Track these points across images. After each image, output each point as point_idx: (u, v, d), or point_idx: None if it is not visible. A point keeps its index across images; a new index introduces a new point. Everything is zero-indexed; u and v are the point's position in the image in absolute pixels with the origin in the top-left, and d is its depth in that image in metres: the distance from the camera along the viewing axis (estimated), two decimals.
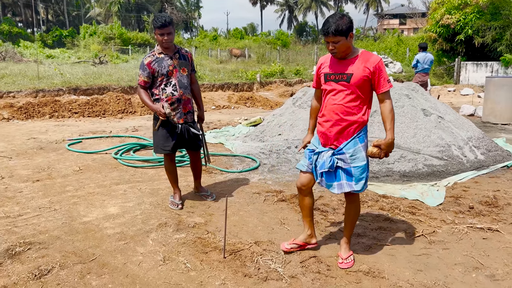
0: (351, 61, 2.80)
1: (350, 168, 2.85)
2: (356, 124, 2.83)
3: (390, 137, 2.77)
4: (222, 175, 5.23)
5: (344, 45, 2.76)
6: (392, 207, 4.16)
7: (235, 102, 12.60)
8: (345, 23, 2.71)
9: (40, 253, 3.07)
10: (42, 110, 9.10)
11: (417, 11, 43.63)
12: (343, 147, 2.85)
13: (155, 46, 3.97)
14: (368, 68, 2.74)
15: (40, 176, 4.84)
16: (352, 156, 2.84)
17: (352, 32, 2.76)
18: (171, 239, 3.37)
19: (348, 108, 2.81)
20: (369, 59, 2.76)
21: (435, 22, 22.17)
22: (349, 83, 2.79)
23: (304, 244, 3.18)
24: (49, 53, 29.06)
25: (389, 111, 2.77)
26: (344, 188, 2.90)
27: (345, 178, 2.89)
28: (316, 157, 2.97)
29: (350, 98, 2.81)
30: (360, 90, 2.79)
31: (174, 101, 3.91)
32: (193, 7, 67.23)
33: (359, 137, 2.85)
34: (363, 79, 2.76)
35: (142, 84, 3.90)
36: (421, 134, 5.73)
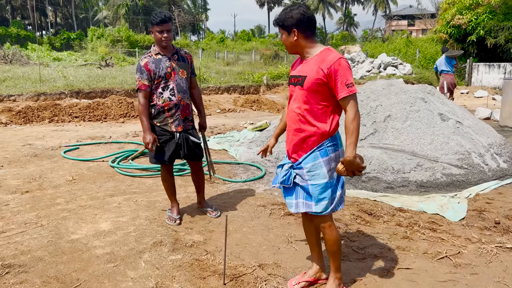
0: (308, 62, 2.37)
1: (308, 186, 2.41)
2: (316, 135, 2.37)
3: (348, 154, 2.26)
4: (225, 185, 4.89)
5: (286, 41, 2.40)
6: (410, 222, 3.79)
7: (241, 105, 12.27)
8: (289, 16, 2.34)
9: (19, 278, 2.75)
10: (41, 115, 8.83)
11: (426, 12, 43.12)
12: (302, 160, 2.42)
13: (151, 48, 3.62)
14: (322, 70, 2.26)
15: (30, 187, 4.53)
16: (309, 172, 2.39)
17: (298, 30, 2.33)
18: (166, 261, 3.04)
19: (306, 116, 2.38)
20: (325, 58, 2.29)
21: (445, 22, 21.72)
22: (303, 88, 2.35)
23: (315, 280, 2.75)
24: (56, 55, 29.04)
25: (349, 121, 2.26)
26: (299, 208, 2.48)
27: (302, 196, 2.45)
28: (280, 170, 2.58)
29: (306, 104, 2.36)
30: (316, 95, 2.33)
31: (172, 107, 3.56)
32: (200, 9, 67.19)
33: (320, 150, 2.38)
34: (317, 83, 2.29)
35: (143, 88, 3.49)
36: (438, 140, 5.33)
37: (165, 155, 3.63)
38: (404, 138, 5.45)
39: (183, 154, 3.69)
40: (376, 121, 5.80)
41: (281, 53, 29.89)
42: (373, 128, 5.74)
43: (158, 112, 3.56)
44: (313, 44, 2.40)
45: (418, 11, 44.20)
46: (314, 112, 2.36)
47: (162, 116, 3.57)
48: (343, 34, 37.73)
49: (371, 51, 25.39)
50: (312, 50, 2.39)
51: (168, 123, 3.59)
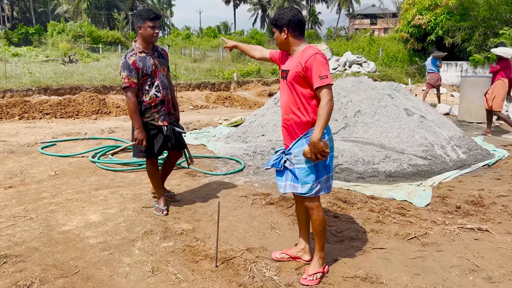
0: (292, 58, 2.71)
1: (294, 169, 2.69)
2: (300, 124, 2.66)
3: (313, 136, 2.50)
4: (206, 177, 5.07)
5: (278, 38, 2.73)
6: (381, 208, 4.13)
7: (213, 102, 12.40)
8: (281, 17, 2.66)
9: (18, 267, 2.85)
10: (10, 111, 8.63)
11: (388, 11, 44.46)
12: (291, 147, 2.72)
13: (132, 44, 3.71)
14: (301, 64, 2.56)
15: (13, 182, 4.54)
16: (296, 157, 2.67)
17: (288, 29, 2.64)
18: (159, 248, 3.20)
19: (291, 107, 2.68)
20: (303, 54, 2.59)
21: (406, 22, 22.60)
22: (287, 80, 2.69)
23: (296, 257, 3.03)
24: (15, 51, 27.89)
25: (321, 108, 2.50)
26: (286, 189, 2.77)
27: (290, 179, 2.74)
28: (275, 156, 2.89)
29: (291, 96, 2.68)
30: (300, 87, 2.62)
31: (158, 103, 3.72)
32: (165, 5, 66.27)
33: (306, 137, 2.65)
34: (297, 76, 2.60)
35: (133, 86, 3.57)
36: (404, 134, 5.74)
37: (154, 148, 3.78)
38: (373, 132, 5.82)
39: (171, 145, 3.87)
40: (347, 116, 6.14)
41: None
42: (344, 123, 6.09)
43: (146, 108, 3.69)
44: (300, 42, 2.70)
45: (380, 10, 45.44)
46: (298, 103, 2.66)
47: (149, 112, 3.71)
48: (309, 33, 38.39)
49: (336, 49, 26.03)
50: (297, 48, 2.69)
51: (155, 118, 3.73)
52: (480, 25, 18.70)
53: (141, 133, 3.62)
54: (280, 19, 2.65)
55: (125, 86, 3.58)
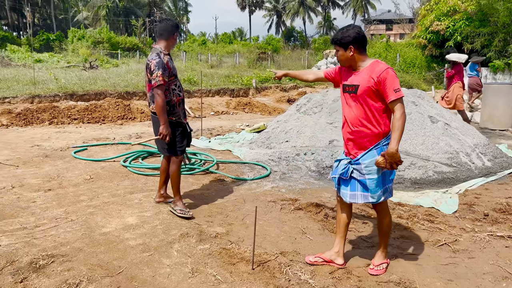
0: (360, 72, 2.82)
1: (365, 180, 2.83)
2: (371, 136, 2.80)
3: (391, 146, 2.66)
4: (234, 183, 5.19)
5: (343, 56, 2.83)
6: (410, 215, 4.18)
7: (234, 107, 12.57)
8: (346, 35, 2.77)
9: (65, 266, 3.00)
10: (41, 117, 8.93)
11: (404, 17, 44.25)
12: (359, 157, 2.84)
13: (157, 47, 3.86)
14: (373, 78, 2.70)
15: (51, 185, 4.73)
16: (367, 168, 2.81)
17: (354, 46, 2.76)
18: (196, 250, 3.33)
19: (361, 120, 2.81)
20: (374, 69, 2.73)
21: (424, 28, 22.53)
22: (357, 95, 2.79)
23: (330, 261, 3.13)
24: (38, 57, 28.61)
25: (395, 120, 2.66)
26: (357, 199, 2.90)
27: (360, 189, 2.88)
28: (336, 165, 3.04)
29: (361, 109, 2.81)
30: (371, 101, 2.76)
31: (180, 102, 3.98)
32: (181, 11, 67.09)
33: (376, 148, 2.80)
34: (369, 90, 2.73)
35: (164, 84, 3.76)
36: (429, 141, 5.78)
37: (184, 144, 4.05)
38: None
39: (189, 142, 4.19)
40: None
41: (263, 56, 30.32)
42: None
43: (173, 107, 3.90)
44: (364, 57, 2.83)
45: (396, 16, 45.25)
46: (370, 116, 2.79)
47: (176, 110, 3.94)
48: (325, 39, 38.44)
49: None
50: (363, 63, 2.82)
51: (180, 116, 3.97)
52: (500, 31, 18.54)
53: (167, 129, 3.81)
54: (345, 37, 2.77)
55: (160, 83, 3.72)
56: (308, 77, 3.35)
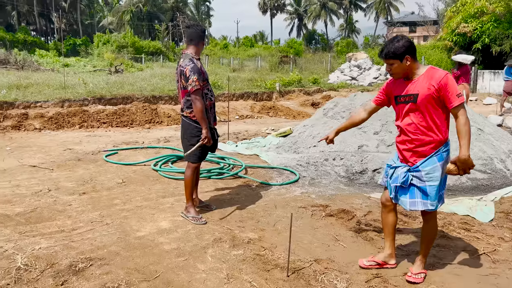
0: (417, 81, 2.80)
1: (426, 187, 2.83)
2: (433, 143, 2.80)
3: (462, 153, 2.68)
4: (263, 187, 5.19)
5: (398, 68, 2.80)
6: (445, 223, 4.09)
7: (258, 111, 12.60)
8: (399, 47, 2.74)
9: (103, 270, 3.05)
10: (71, 120, 9.16)
11: (428, 19, 43.55)
12: (419, 164, 2.83)
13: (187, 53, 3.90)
14: (433, 85, 2.70)
15: (85, 189, 4.84)
16: (428, 175, 2.81)
17: (410, 56, 2.75)
18: (230, 256, 3.33)
19: (421, 128, 2.81)
20: (433, 76, 2.73)
21: (450, 30, 22.11)
22: (416, 103, 2.78)
23: (383, 263, 3.15)
24: (65, 61, 29.36)
25: (462, 125, 2.68)
26: (417, 206, 2.88)
27: (420, 196, 2.86)
28: (392, 172, 3.00)
29: (421, 117, 2.80)
30: (431, 108, 2.76)
31: (212, 106, 4.02)
32: (203, 15, 67.76)
33: (437, 155, 2.81)
34: (430, 97, 2.73)
35: (201, 88, 3.78)
36: None
37: (206, 151, 4.07)
38: None
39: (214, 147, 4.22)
40: None
41: (285, 59, 30.28)
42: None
43: (206, 111, 3.92)
44: (418, 65, 2.83)
45: (420, 18, 44.57)
46: (431, 123, 2.78)
47: (207, 115, 3.95)
48: (348, 41, 38.12)
49: (376, 58, 25.74)
50: (418, 71, 2.81)
51: (210, 120, 3.99)
52: None
53: (209, 132, 3.85)
54: (399, 49, 2.74)
55: (197, 88, 3.74)
56: (363, 117, 3.21)
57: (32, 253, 3.21)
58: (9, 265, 3.02)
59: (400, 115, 2.93)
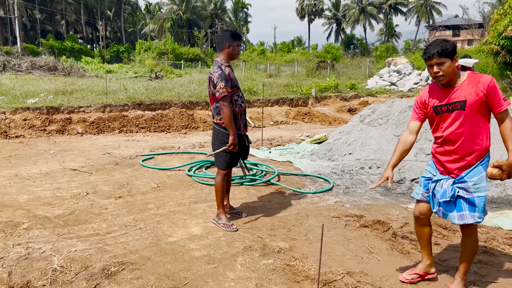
0: (460, 87, 2.67)
1: (474, 198, 2.69)
2: (478, 151, 2.69)
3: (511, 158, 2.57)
4: (296, 195, 5.12)
5: (450, 67, 2.64)
6: (488, 237, 3.87)
7: (293, 117, 12.52)
8: (450, 45, 2.63)
9: (134, 274, 3.09)
10: (111, 125, 9.47)
11: (473, 22, 41.92)
12: (465, 175, 2.70)
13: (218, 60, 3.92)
14: (482, 90, 2.60)
15: (121, 193, 4.95)
16: (475, 185, 2.69)
17: (457, 56, 2.64)
18: (259, 265, 3.29)
19: (469, 136, 2.68)
20: (479, 80, 2.62)
21: (497, 34, 21.10)
22: (465, 110, 2.64)
23: (425, 274, 3.06)
24: (109, 68, 30.54)
25: (509, 130, 2.58)
26: (467, 219, 2.73)
27: (467, 208, 2.72)
28: (434, 185, 2.85)
29: (468, 125, 2.67)
30: (478, 115, 2.65)
31: (242, 112, 4.00)
32: (241, 22, 68.48)
33: (482, 164, 2.70)
34: (479, 103, 2.61)
35: (229, 95, 3.78)
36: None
37: (237, 158, 4.06)
38: None
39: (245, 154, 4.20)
40: None
41: (322, 64, 30.03)
42: None
43: (235, 118, 3.91)
44: (458, 71, 2.71)
45: (464, 21, 42.96)
46: (475, 131, 2.67)
47: (237, 122, 3.94)
48: (387, 46, 37.32)
49: (417, 63, 25.00)
50: (461, 76, 2.70)
51: (240, 127, 3.98)
52: None
53: (236, 139, 3.84)
54: (450, 46, 2.62)
55: (224, 95, 3.75)
56: (413, 140, 2.96)
57: (68, 255, 3.30)
58: (46, 267, 3.12)
59: (441, 125, 2.79)
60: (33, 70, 22.95)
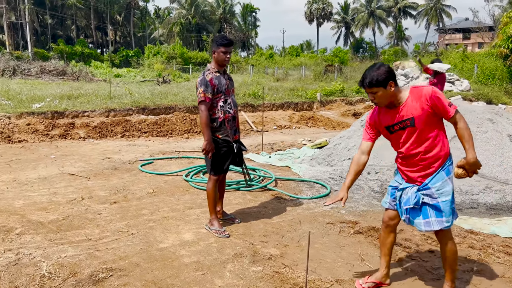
0: (405, 105, 2.72)
1: (438, 204, 2.73)
2: (439, 159, 2.73)
3: (471, 156, 2.64)
4: (292, 201, 5.09)
5: (383, 95, 2.70)
6: (483, 245, 3.80)
7: (296, 122, 12.48)
8: (381, 73, 2.67)
9: (122, 281, 3.09)
10: (114, 130, 9.54)
11: (483, 25, 41.52)
12: (428, 182, 2.75)
13: (208, 65, 4.01)
14: (426, 104, 2.65)
15: (117, 198, 4.97)
16: (438, 191, 2.73)
17: (393, 81, 2.67)
18: (248, 272, 3.28)
19: (426, 148, 2.73)
20: (421, 94, 2.67)
21: (506, 37, 20.86)
22: (415, 126, 2.70)
23: (380, 283, 3.07)
24: (117, 72, 30.83)
25: (464, 130, 2.64)
26: (433, 226, 2.77)
27: (434, 215, 2.76)
28: (400, 194, 2.90)
29: (423, 138, 2.73)
30: (430, 126, 2.71)
31: (230, 119, 3.99)
32: (250, 26, 68.64)
33: (444, 169, 2.74)
34: (427, 116, 2.67)
35: (207, 100, 3.84)
36: (508, 162, 5.26)
37: (224, 165, 4.04)
38: None
39: (237, 160, 4.17)
40: None
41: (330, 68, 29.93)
42: None
43: (220, 124, 3.94)
44: (400, 89, 2.75)
45: (475, 24, 42.54)
46: (432, 142, 2.72)
47: (223, 128, 3.95)
48: (395, 50, 37.07)
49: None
50: (402, 95, 2.73)
51: (228, 133, 3.98)
52: None
53: (209, 145, 3.87)
54: (381, 75, 2.66)
55: (201, 100, 3.84)
56: (365, 161, 3.00)
57: (58, 261, 3.32)
58: (35, 272, 3.14)
59: (399, 142, 2.83)
60: (42, 74, 23.28)
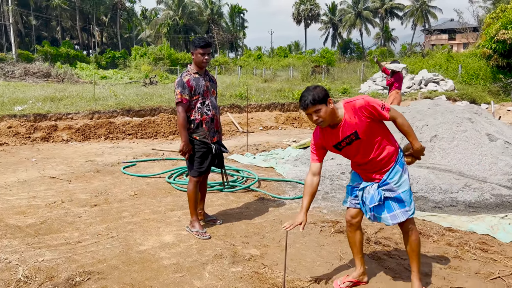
0: (345, 121, 2.76)
1: (399, 195, 2.83)
2: (393, 155, 2.85)
3: (417, 145, 2.87)
4: (274, 201, 5.11)
5: (327, 112, 2.72)
6: (460, 242, 3.86)
7: (282, 122, 12.52)
8: (319, 92, 2.73)
9: (99, 284, 3.07)
10: (98, 132, 9.45)
11: (468, 25, 42.13)
12: (386, 177, 2.84)
13: (188, 67, 4.03)
14: (363, 114, 2.72)
15: (98, 201, 4.93)
16: (397, 183, 2.83)
17: (330, 98, 2.74)
18: (228, 273, 3.28)
19: (376, 153, 2.82)
20: (355, 107, 2.73)
21: (489, 37, 21.21)
22: (362, 138, 2.77)
23: (358, 281, 3.11)
24: (103, 74, 30.58)
25: (403, 125, 2.81)
26: (399, 218, 2.84)
27: (397, 207, 2.84)
28: (361, 193, 2.96)
29: (372, 145, 2.81)
30: (375, 133, 2.79)
31: (208, 120, 3.98)
32: (238, 27, 68.63)
33: (398, 163, 2.86)
34: (368, 126, 2.74)
35: (184, 102, 3.85)
36: (486, 161, 5.35)
37: (203, 166, 4.03)
38: (451, 158, 5.50)
39: (217, 162, 4.17)
40: (422, 141, 5.86)
41: (317, 69, 30.10)
42: None
43: (197, 126, 3.94)
44: (336, 106, 2.80)
45: (460, 25, 43.14)
46: (381, 146, 2.82)
47: (201, 129, 3.95)
48: (382, 50, 37.40)
49: (411, 66, 25.02)
50: (339, 112, 2.77)
51: (206, 135, 3.98)
52: None
53: (186, 147, 3.89)
54: (320, 93, 2.70)
55: (178, 101, 3.87)
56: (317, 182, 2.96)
57: (34, 265, 3.28)
58: (10, 277, 3.09)
59: (351, 155, 2.89)
60: (26, 76, 22.96)
